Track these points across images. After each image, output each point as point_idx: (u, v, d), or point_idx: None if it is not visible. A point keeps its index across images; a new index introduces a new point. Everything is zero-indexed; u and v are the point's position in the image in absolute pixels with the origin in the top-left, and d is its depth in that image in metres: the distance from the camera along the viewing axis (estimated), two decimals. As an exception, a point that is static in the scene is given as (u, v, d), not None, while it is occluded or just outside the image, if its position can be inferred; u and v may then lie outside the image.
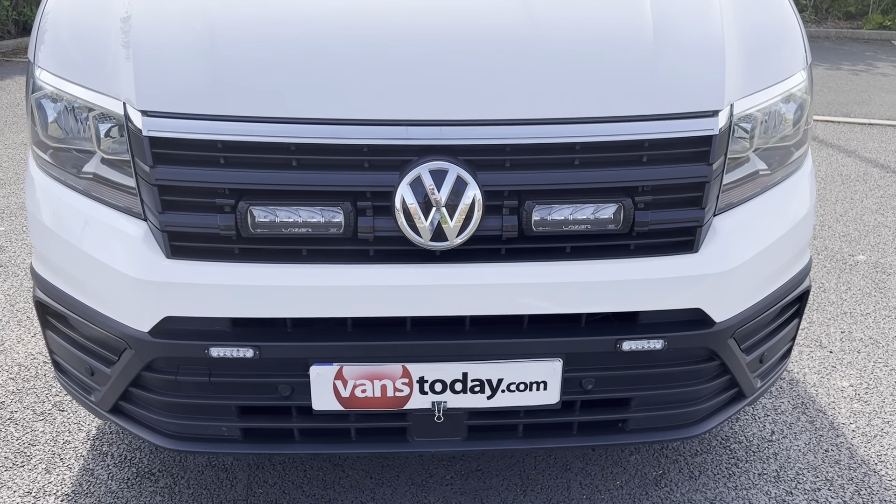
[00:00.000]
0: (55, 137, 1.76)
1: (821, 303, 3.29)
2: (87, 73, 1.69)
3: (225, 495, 2.10)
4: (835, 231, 4.12)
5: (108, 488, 2.12)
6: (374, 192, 1.56)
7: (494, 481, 2.17)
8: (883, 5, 12.23)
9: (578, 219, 1.59)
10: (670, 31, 1.69)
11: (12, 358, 2.74)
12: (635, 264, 1.64)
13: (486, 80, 1.60)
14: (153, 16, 1.68)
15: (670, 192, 1.63)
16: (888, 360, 2.85)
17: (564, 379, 1.68)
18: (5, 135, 5.64)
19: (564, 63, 1.63)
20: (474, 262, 1.61)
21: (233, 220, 1.55)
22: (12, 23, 9.81)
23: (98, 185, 1.69)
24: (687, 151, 1.62)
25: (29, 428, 2.36)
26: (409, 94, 1.57)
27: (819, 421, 2.48)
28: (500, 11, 1.72)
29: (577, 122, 1.58)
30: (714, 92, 1.64)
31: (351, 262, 1.60)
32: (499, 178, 1.57)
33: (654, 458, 2.28)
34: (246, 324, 1.64)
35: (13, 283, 3.31)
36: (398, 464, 2.23)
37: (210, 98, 1.55)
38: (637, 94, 1.61)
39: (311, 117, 1.54)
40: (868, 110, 7.00)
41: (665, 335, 1.67)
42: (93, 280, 1.68)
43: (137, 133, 1.55)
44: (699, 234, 1.66)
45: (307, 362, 1.63)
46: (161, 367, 1.68)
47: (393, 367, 1.64)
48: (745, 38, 1.78)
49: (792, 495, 2.15)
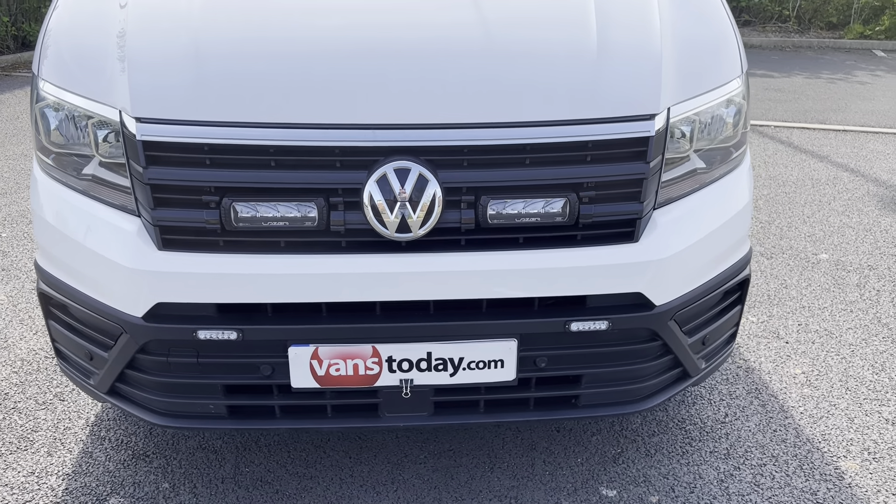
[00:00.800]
0: (57, 143, 1.93)
1: (781, 297, 3.47)
2: (86, 85, 1.87)
3: (214, 473, 2.27)
4: (801, 231, 4.31)
5: (106, 468, 2.29)
6: (344, 189, 1.73)
7: (464, 459, 2.35)
8: (864, 15, 12.50)
9: (530, 212, 1.77)
10: (612, 44, 1.88)
11: (15, 353, 2.91)
12: (581, 253, 1.82)
13: (446, 88, 1.78)
14: (145, 32, 1.86)
15: (612, 188, 1.81)
16: (840, 349, 3.03)
17: (520, 357, 1.86)
18: (6, 146, 5.82)
19: (516, 73, 1.82)
20: (436, 252, 1.78)
21: (218, 215, 1.73)
22: (11, 38, 10.00)
23: (96, 186, 1.87)
24: (626, 151, 1.80)
25: (32, 416, 2.53)
26: (376, 100, 1.75)
27: (770, 404, 2.66)
28: (457, 26, 1.90)
29: (528, 126, 1.76)
30: (651, 97, 1.82)
31: (324, 252, 1.77)
32: (457, 176, 1.75)
33: (613, 438, 2.45)
34: (230, 309, 1.81)
35: (15, 286, 3.48)
36: (375, 444, 2.40)
37: (197, 105, 1.73)
38: (581, 99, 1.80)
39: (288, 122, 1.72)
40: (843, 117, 7.21)
41: (610, 317, 1.85)
42: (92, 271, 1.86)
43: (132, 137, 1.73)
44: (639, 226, 1.84)
45: (286, 344, 1.80)
46: (154, 350, 1.85)
47: (364, 347, 1.81)
48: (683, 49, 1.96)
49: (739, 470, 2.32)
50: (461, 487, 2.23)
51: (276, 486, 2.23)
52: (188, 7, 1.89)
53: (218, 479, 2.25)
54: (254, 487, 2.22)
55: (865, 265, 3.84)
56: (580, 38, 1.89)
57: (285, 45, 1.83)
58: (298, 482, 2.24)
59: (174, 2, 1.93)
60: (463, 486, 2.24)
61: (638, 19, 1.98)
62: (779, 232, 4.30)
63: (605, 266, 1.82)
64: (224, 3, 1.94)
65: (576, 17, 1.95)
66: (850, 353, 3.01)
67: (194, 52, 1.79)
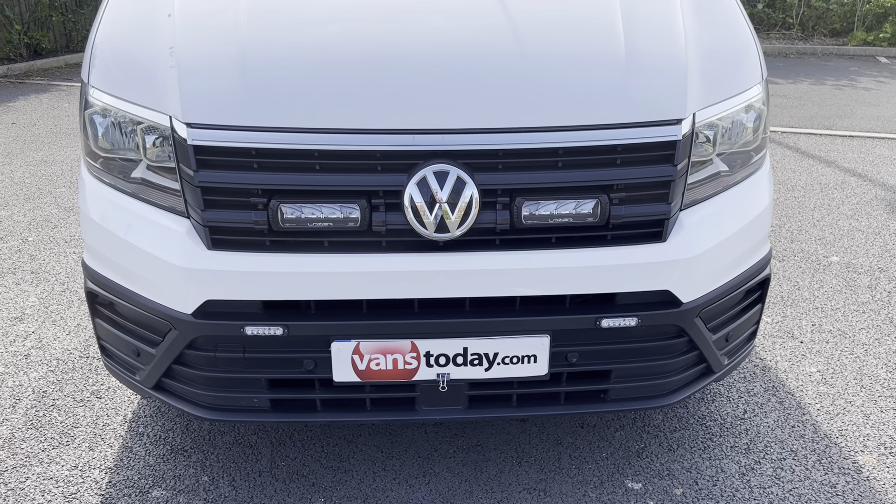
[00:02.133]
0: (104, 148, 2.02)
1: (795, 299, 3.55)
2: (135, 92, 1.95)
3: (251, 467, 2.34)
4: (811, 235, 4.38)
5: (146, 462, 2.36)
6: (385, 191, 1.82)
7: (493, 454, 2.42)
8: (867, 22, 12.59)
9: (562, 213, 1.86)
10: (640, 51, 1.96)
11: (50, 353, 2.99)
12: (611, 252, 1.90)
13: (483, 95, 1.86)
14: (193, 42, 1.95)
15: (641, 190, 1.89)
16: (853, 349, 3.10)
17: (552, 353, 1.93)
18: (25, 153, 5.91)
19: (549, 79, 1.90)
20: (473, 251, 1.86)
21: (265, 216, 1.81)
22: (24, 46, 10.12)
23: (145, 188, 1.95)
24: (655, 154, 1.88)
25: (71, 413, 2.61)
26: (416, 107, 1.84)
27: (788, 402, 2.73)
28: (493, 36, 1.99)
29: (560, 130, 1.84)
30: (678, 103, 1.90)
31: (366, 251, 1.85)
32: (493, 179, 1.83)
33: (636, 434, 2.52)
34: (276, 306, 1.89)
35: (45, 288, 3.57)
36: (405, 440, 2.47)
37: (245, 111, 1.82)
38: (611, 105, 1.88)
39: (332, 127, 1.80)
40: (849, 123, 7.30)
41: (638, 314, 1.93)
42: (142, 270, 1.94)
43: (183, 142, 1.82)
44: (667, 226, 1.92)
45: (329, 339, 1.88)
46: (202, 345, 1.93)
47: (403, 342, 1.89)
48: (706, 57, 2.04)
49: (760, 464, 2.39)
50: (491, 480, 2.31)
51: (312, 479, 2.30)
52: (234, 17, 1.98)
53: (255, 473, 2.32)
54: (290, 480, 2.29)
55: (876, 267, 3.92)
56: (609, 46, 1.97)
57: (328, 53, 1.91)
58: (333, 475, 2.32)
59: (220, 12, 2.01)
60: (493, 479, 2.31)
61: (663, 27, 2.06)
62: (790, 235, 4.37)
63: (634, 265, 1.90)
64: (268, 13, 2.02)
65: (604, 25, 2.04)
66: (864, 352, 3.08)
67: (241, 60, 1.88)
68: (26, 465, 2.35)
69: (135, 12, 2.15)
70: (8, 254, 3.98)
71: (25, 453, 2.40)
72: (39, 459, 2.38)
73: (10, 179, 5.26)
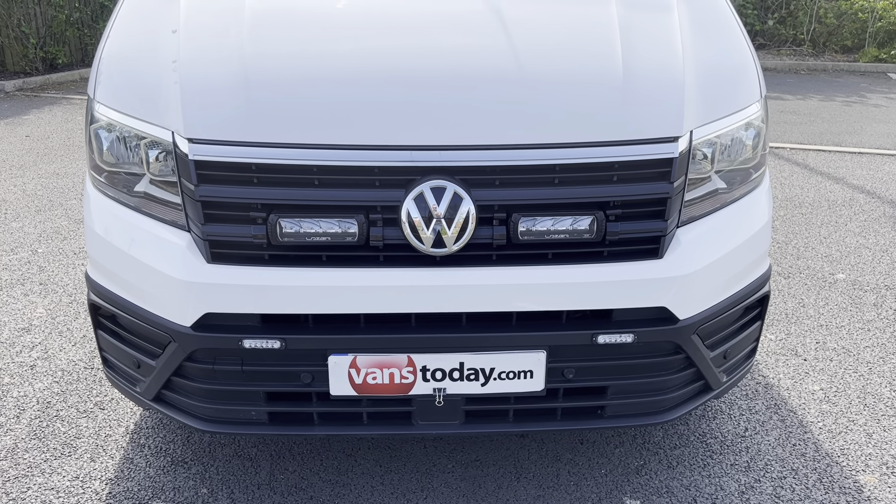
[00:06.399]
0: (109, 162, 2.05)
1: (799, 316, 3.53)
2: (139, 107, 1.99)
3: (250, 480, 2.36)
4: (818, 252, 4.37)
5: (147, 474, 2.38)
6: (383, 206, 1.83)
7: (491, 469, 2.42)
8: (878, 39, 12.57)
9: (558, 229, 1.87)
10: (637, 69, 1.98)
11: (56, 364, 3.02)
12: (608, 268, 1.90)
13: (480, 112, 1.88)
14: (197, 59, 1.98)
15: (637, 207, 1.90)
16: (857, 367, 3.09)
17: (548, 368, 1.94)
18: (38, 165, 5.99)
19: (545, 97, 1.92)
20: (469, 267, 1.87)
21: (264, 230, 1.83)
22: (40, 60, 10.27)
23: (148, 202, 1.98)
24: (651, 172, 1.89)
25: (74, 423, 2.63)
26: (413, 123, 1.86)
27: (790, 420, 2.71)
28: (491, 54, 2.01)
29: (557, 147, 1.86)
30: (674, 121, 1.92)
31: (364, 266, 1.87)
32: (490, 195, 1.84)
33: (635, 451, 2.52)
34: (274, 319, 1.91)
35: (53, 299, 3.61)
36: (404, 454, 2.47)
37: (245, 127, 1.84)
38: (608, 122, 1.90)
39: (331, 143, 1.82)
40: (859, 140, 7.28)
41: (635, 330, 1.93)
42: (144, 283, 1.96)
43: (184, 157, 1.84)
44: (663, 243, 1.92)
45: (326, 353, 1.89)
46: (200, 358, 1.95)
47: (399, 357, 1.90)
48: (704, 74, 2.06)
49: (760, 482, 2.38)
50: (489, 496, 2.30)
51: (311, 492, 2.31)
52: (237, 33, 2.01)
53: (254, 486, 2.33)
54: (289, 493, 2.30)
55: (882, 285, 3.90)
56: (606, 64, 1.99)
57: (327, 71, 1.94)
58: (332, 489, 2.32)
59: (224, 28, 2.05)
60: (491, 494, 2.31)
61: (661, 45, 2.08)
62: (796, 252, 4.36)
63: (630, 281, 1.91)
64: (270, 32, 2.05)
65: (601, 44, 2.06)
66: (868, 370, 3.06)
67: (243, 76, 1.91)
68: (28, 476, 2.37)
69: (141, 28, 2.19)
70: (18, 265, 4.03)
71: (28, 463, 2.43)
72: (41, 470, 2.40)
73: (23, 191, 5.33)
